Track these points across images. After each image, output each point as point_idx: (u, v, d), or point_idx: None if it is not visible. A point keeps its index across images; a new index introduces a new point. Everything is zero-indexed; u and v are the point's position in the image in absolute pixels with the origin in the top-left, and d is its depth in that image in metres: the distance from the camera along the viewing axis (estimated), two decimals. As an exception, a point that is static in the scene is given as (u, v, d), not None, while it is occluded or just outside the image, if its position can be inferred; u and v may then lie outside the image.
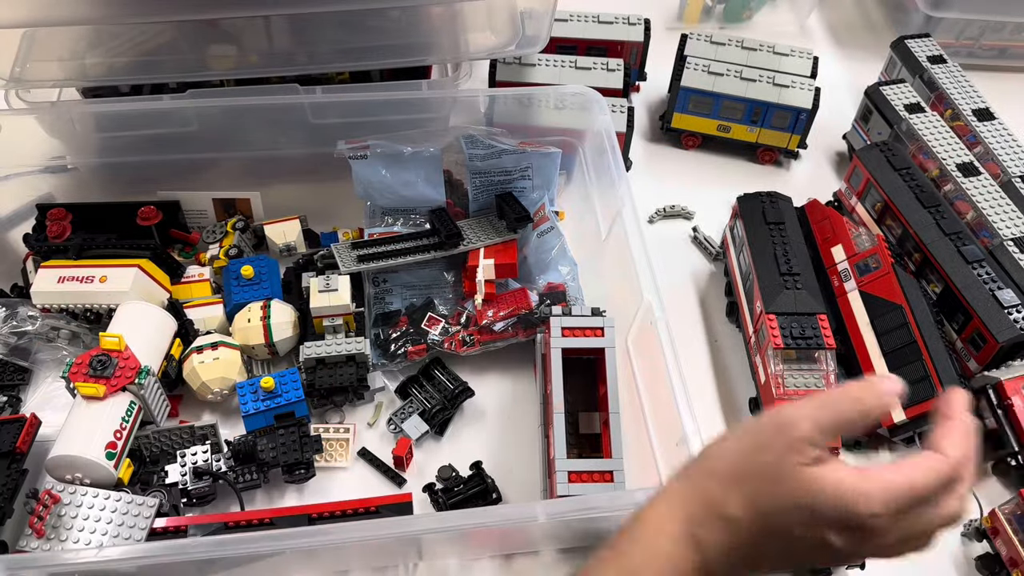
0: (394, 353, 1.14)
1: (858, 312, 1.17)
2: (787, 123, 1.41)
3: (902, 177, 1.25)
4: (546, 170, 1.23)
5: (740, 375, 1.20)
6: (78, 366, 1.01)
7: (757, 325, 1.14)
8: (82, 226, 1.21)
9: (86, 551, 0.87)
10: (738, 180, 1.42)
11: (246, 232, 1.26)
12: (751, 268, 1.18)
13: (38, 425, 1.05)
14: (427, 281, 1.21)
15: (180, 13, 1.11)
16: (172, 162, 1.26)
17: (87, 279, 1.12)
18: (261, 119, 1.22)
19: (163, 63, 1.20)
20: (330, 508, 0.97)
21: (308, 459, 1.02)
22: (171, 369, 1.08)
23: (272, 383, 1.05)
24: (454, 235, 1.19)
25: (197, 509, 1.01)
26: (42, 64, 1.19)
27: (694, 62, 1.41)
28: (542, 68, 1.39)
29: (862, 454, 1.13)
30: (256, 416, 1.05)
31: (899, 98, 1.39)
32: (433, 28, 1.24)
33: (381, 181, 1.21)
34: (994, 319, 1.09)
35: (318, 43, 1.19)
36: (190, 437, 1.05)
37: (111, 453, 0.97)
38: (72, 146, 1.28)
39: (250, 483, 1.01)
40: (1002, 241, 1.19)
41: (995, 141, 1.32)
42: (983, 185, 1.25)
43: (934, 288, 1.18)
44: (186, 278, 1.21)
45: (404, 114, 1.24)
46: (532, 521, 0.87)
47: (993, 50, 1.65)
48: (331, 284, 1.13)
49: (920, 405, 1.06)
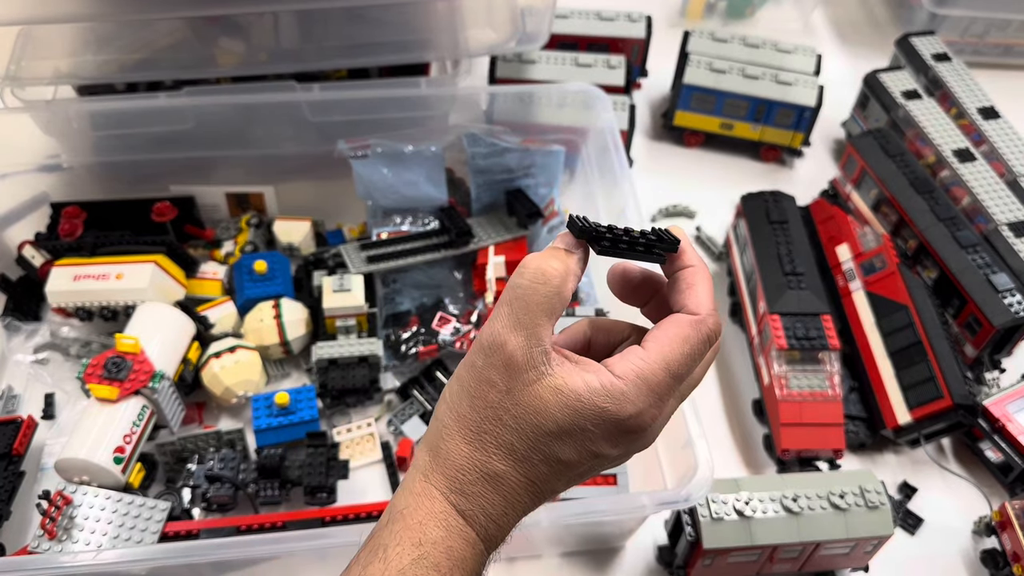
0: (405, 354, 1.13)
1: (863, 312, 1.16)
2: (791, 121, 1.40)
3: (896, 164, 1.25)
4: (550, 168, 1.22)
5: (743, 376, 1.19)
6: (93, 367, 1.00)
7: (761, 325, 1.13)
8: (93, 224, 1.21)
9: (84, 553, 0.86)
10: (741, 178, 1.41)
11: (260, 228, 1.25)
12: (754, 268, 1.17)
13: (35, 427, 1.05)
14: (437, 280, 1.20)
15: (176, 10, 1.10)
16: (169, 160, 1.25)
17: (103, 276, 1.11)
18: (259, 117, 1.21)
19: (161, 61, 1.18)
20: (343, 512, 0.96)
21: (332, 485, 1.00)
22: (187, 373, 1.07)
23: (287, 399, 1.04)
24: (465, 233, 1.18)
25: (216, 516, 0.99)
26: (38, 62, 1.17)
27: (697, 59, 1.40)
28: (543, 65, 1.38)
29: (867, 457, 1.12)
30: (268, 432, 1.04)
31: (896, 85, 1.39)
32: (433, 24, 1.23)
33: (383, 180, 1.20)
34: (989, 303, 1.09)
35: (320, 39, 1.18)
36: (216, 443, 1.04)
37: (119, 457, 0.96)
38: (68, 144, 1.26)
39: (270, 499, 0.99)
40: (997, 226, 1.19)
41: (1000, 139, 1.31)
42: (979, 171, 1.26)
43: (929, 274, 1.18)
44: (200, 274, 1.20)
45: (403, 111, 1.23)
46: (534, 525, 0.86)
47: (998, 47, 1.64)
48: (345, 284, 1.12)
49: (926, 406, 1.05)
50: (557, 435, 0.52)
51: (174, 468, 1.04)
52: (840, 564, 0.99)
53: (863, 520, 0.92)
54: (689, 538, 0.91)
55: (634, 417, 0.52)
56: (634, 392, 0.52)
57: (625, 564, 1.02)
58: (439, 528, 0.52)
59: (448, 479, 0.53)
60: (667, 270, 0.57)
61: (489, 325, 0.53)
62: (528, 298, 0.52)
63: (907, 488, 1.09)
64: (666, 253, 0.55)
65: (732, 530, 0.91)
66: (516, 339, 0.52)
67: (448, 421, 0.54)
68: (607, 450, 0.53)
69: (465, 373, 0.54)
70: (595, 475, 0.57)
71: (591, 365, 0.53)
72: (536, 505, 0.55)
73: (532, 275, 0.52)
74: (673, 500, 0.84)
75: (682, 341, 0.53)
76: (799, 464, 1.07)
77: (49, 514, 0.89)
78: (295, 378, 1.15)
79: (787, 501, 0.92)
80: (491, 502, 0.53)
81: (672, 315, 0.55)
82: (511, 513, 0.54)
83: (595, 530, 0.99)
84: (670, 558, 0.98)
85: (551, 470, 0.53)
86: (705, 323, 0.54)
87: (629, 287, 0.59)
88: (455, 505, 0.53)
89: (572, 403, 0.51)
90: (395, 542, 0.52)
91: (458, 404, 0.54)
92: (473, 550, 0.53)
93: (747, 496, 0.92)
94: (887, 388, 1.10)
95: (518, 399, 0.52)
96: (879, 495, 0.93)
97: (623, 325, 0.60)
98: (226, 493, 0.98)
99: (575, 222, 0.54)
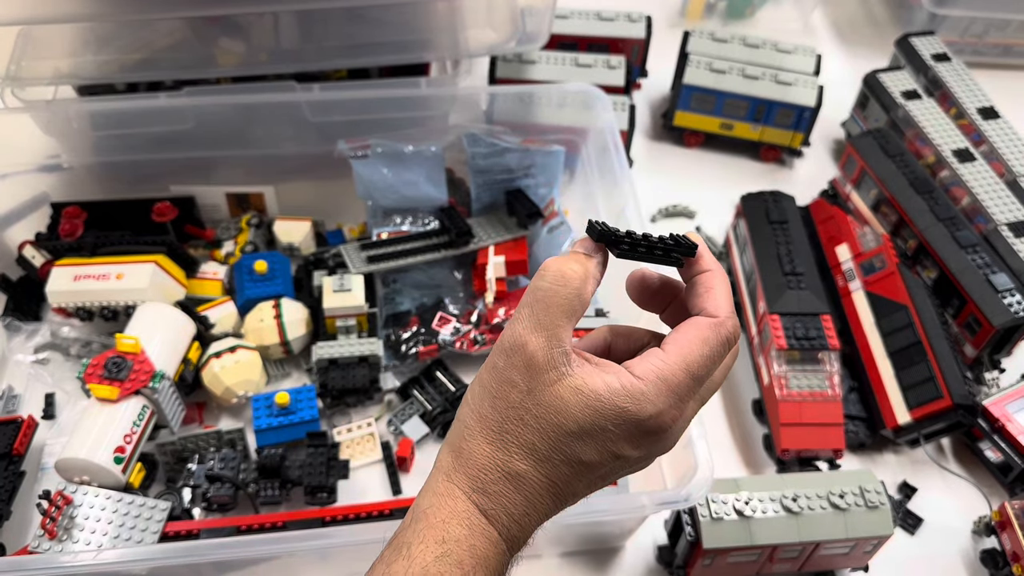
0: (405, 353, 1.14)
1: (863, 312, 1.16)
2: (790, 121, 1.40)
3: (896, 164, 1.25)
4: (550, 168, 1.22)
5: (743, 376, 1.19)
6: (93, 367, 1.00)
7: (760, 325, 1.13)
8: (93, 224, 1.21)
9: (85, 553, 0.86)
10: (741, 178, 1.41)
11: (260, 228, 1.25)
12: (754, 268, 1.17)
13: (35, 427, 1.05)
14: (437, 280, 1.20)
15: (176, 10, 1.10)
16: (170, 160, 1.25)
17: (103, 276, 1.11)
18: (259, 117, 1.21)
19: (161, 61, 1.19)
20: (343, 512, 0.96)
21: (332, 485, 1.00)
22: (188, 373, 1.07)
23: (287, 399, 1.04)
24: (465, 233, 1.18)
25: (217, 516, 0.99)
26: (38, 62, 1.17)
27: (696, 59, 1.40)
28: (542, 65, 1.38)
29: (867, 457, 1.12)
30: (268, 432, 1.04)
31: (896, 85, 1.39)
32: (433, 24, 1.23)
33: (383, 180, 1.20)
34: (989, 303, 1.10)
35: (320, 39, 1.18)
36: (217, 442, 1.05)
37: (119, 457, 0.96)
38: (68, 144, 1.26)
39: (270, 499, 0.99)
40: (996, 226, 1.19)
41: (1000, 140, 1.31)
42: (978, 171, 1.26)
43: (929, 274, 1.18)
44: (201, 274, 1.20)
45: (403, 111, 1.23)
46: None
47: (998, 47, 1.64)
48: (345, 284, 1.12)
49: (926, 406, 1.05)
50: (578, 435, 0.52)
51: (174, 468, 1.04)
52: (840, 564, 1.00)
53: (863, 520, 0.92)
54: (689, 538, 0.92)
55: (654, 417, 0.52)
56: (654, 392, 0.52)
57: (625, 564, 1.02)
58: (462, 526, 0.52)
59: (470, 479, 0.53)
60: (684, 275, 0.57)
61: (510, 327, 0.54)
62: (549, 300, 0.53)
63: (907, 488, 1.09)
64: (684, 257, 0.56)
65: (732, 530, 0.91)
66: (537, 340, 0.52)
67: (470, 422, 0.55)
68: (628, 451, 0.53)
69: (486, 374, 0.55)
70: (617, 478, 0.57)
71: (611, 366, 0.53)
72: (558, 508, 0.55)
73: (553, 277, 0.53)
74: (673, 500, 0.84)
75: (702, 343, 0.54)
76: (799, 464, 1.07)
77: (49, 514, 0.89)
78: (295, 378, 1.15)
79: (787, 501, 0.92)
80: (513, 502, 0.53)
81: (691, 318, 0.55)
82: (533, 514, 0.54)
83: (595, 530, 0.99)
84: (670, 558, 0.99)
85: (572, 471, 0.53)
86: (724, 325, 0.54)
87: (648, 293, 0.60)
88: (477, 504, 0.53)
89: (592, 403, 0.52)
90: (418, 540, 0.52)
91: (480, 405, 0.54)
92: (495, 549, 0.53)
93: (747, 496, 0.92)
94: (887, 388, 1.10)
95: (539, 399, 0.52)
96: (879, 495, 0.93)
97: (643, 331, 0.60)
98: (226, 493, 0.98)
99: (594, 227, 0.55)
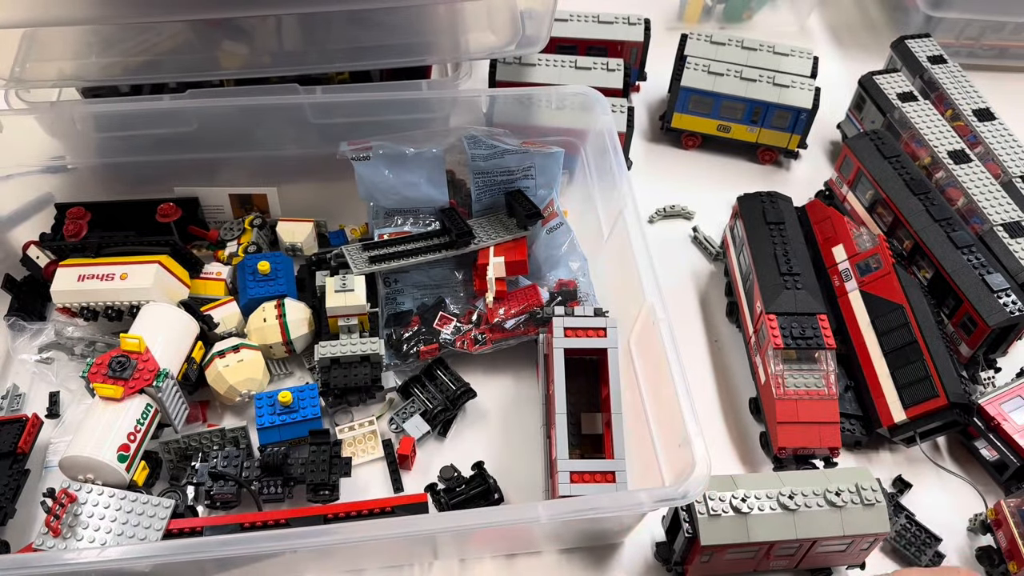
0: (406, 353, 1.15)
1: (859, 312, 1.17)
2: (787, 123, 1.41)
3: (892, 165, 1.26)
4: (549, 170, 1.23)
5: (740, 375, 1.20)
6: (98, 366, 1.01)
7: (757, 325, 1.14)
8: (97, 225, 1.22)
9: (89, 551, 0.86)
10: (738, 180, 1.42)
11: (263, 229, 1.26)
12: (751, 268, 1.18)
13: (40, 425, 1.06)
14: (438, 280, 1.21)
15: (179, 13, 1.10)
16: (173, 162, 1.26)
17: (107, 277, 1.12)
18: (262, 119, 1.22)
19: (164, 63, 1.19)
20: (345, 509, 0.97)
21: (334, 482, 1.01)
22: (191, 372, 1.08)
23: (290, 397, 1.05)
24: (465, 234, 1.19)
25: (220, 513, 1.00)
26: (42, 64, 1.18)
27: (694, 62, 1.41)
28: (542, 68, 1.39)
29: (863, 455, 1.13)
30: (271, 430, 1.05)
31: (892, 87, 1.40)
32: (434, 28, 1.24)
33: (384, 182, 1.21)
34: (984, 303, 1.11)
35: (323, 42, 1.19)
36: (220, 440, 1.06)
37: (123, 455, 0.97)
38: (72, 146, 1.27)
39: (273, 496, 1.00)
40: (992, 227, 1.20)
41: (995, 141, 1.32)
42: (974, 172, 1.27)
43: (924, 274, 1.19)
44: (204, 274, 1.21)
45: (404, 114, 1.24)
46: (534, 521, 0.86)
47: (993, 50, 1.65)
48: (347, 284, 1.13)
49: (921, 405, 1.06)
50: None
51: (178, 466, 1.05)
52: (836, 561, 1.00)
53: (859, 517, 0.93)
54: (687, 535, 0.92)
55: None
56: None
57: (623, 560, 1.03)
58: None
59: None
60: None
61: None
62: None
63: (901, 483, 1.09)
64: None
65: (729, 527, 0.92)
66: None
67: None
68: None
69: None
70: None
71: None
72: None
73: None
74: (671, 497, 0.85)
75: None
76: (795, 462, 1.08)
77: (54, 512, 0.90)
78: (298, 377, 1.16)
79: (783, 498, 0.93)
80: None
81: None
82: None
83: (594, 526, 1.00)
84: (668, 554, 0.99)
85: None
86: None
87: None
88: None
89: None
90: None
91: None
92: None
93: (744, 493, 0.93)
94: (883, 387, 1.11)
95: None
96: (875, 493, 0.94)
97: None
98: (230, 490, 0.99)
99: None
